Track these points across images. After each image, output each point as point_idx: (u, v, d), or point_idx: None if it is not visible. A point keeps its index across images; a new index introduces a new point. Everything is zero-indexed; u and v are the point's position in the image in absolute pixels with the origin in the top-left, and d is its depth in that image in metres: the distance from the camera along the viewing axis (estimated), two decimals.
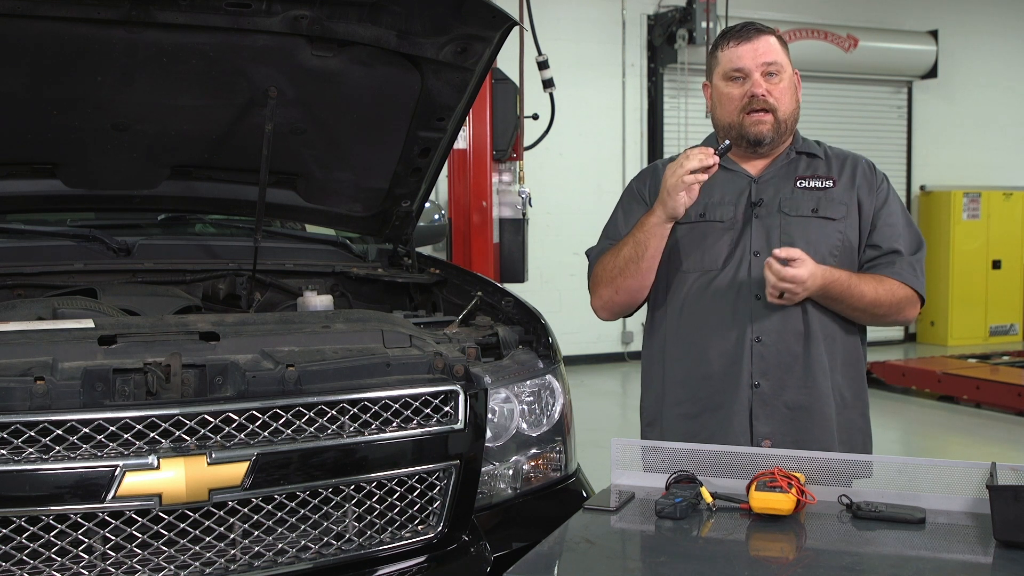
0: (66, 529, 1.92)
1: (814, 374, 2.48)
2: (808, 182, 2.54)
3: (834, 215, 2.51)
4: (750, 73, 2.48)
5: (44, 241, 3.03)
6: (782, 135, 2.54)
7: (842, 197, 2.53)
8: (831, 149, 2.64)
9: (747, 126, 2.50)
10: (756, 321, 2.47)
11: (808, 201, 2.52)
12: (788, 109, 2.52)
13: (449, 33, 2.64)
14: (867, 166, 2.60)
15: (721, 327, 2.50)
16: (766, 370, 2.47)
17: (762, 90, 2.48)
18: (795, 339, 2.48)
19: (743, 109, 2.50)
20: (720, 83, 2.55)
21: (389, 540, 2.22)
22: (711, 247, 2.53)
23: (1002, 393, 8.11)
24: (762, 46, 2.49)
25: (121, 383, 2.00)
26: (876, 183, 2.57)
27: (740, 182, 2.57)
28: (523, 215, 5.70)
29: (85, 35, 2.45)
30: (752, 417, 2.47)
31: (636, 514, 2.08)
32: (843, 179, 2.55)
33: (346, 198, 3.22)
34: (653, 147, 10.96)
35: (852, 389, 2.56)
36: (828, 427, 2.49)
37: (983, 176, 12.61)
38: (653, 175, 2.69)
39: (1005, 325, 12.54)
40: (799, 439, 2.46)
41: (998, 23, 12.71)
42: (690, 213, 2.53)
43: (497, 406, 2.48)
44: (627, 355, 10.90)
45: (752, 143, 2.52)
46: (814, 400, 2.48)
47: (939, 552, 1.87)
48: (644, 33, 10.90)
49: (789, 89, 2.53)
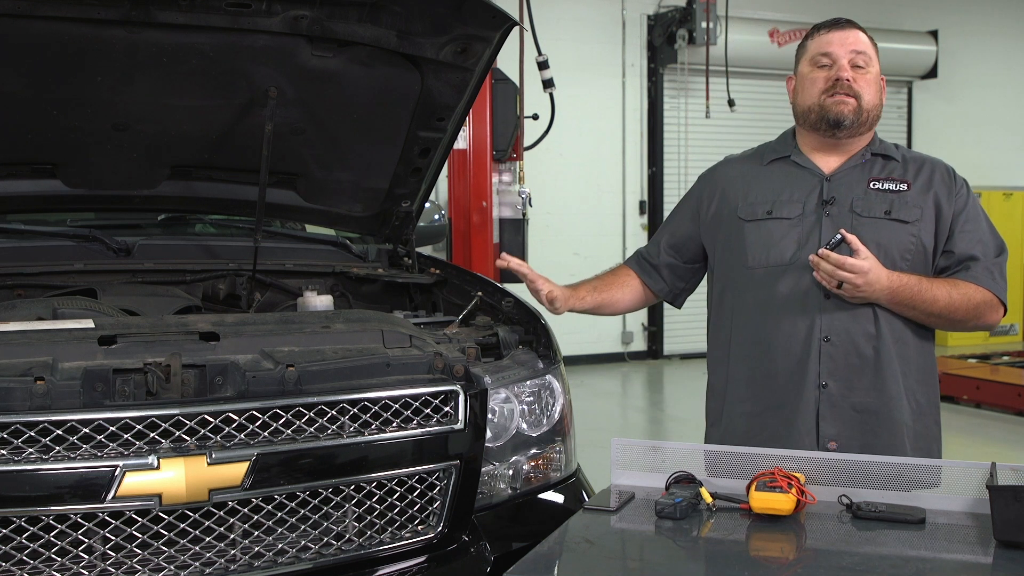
0: (66, 529, 1.92)
1: (884, 378, 2.43)
2: (882, 184, 2.48)
3: (908, 218, 2.45)
4: (838, 59, 2.46)
5: (44, 241, 3.03)
6: (862, 125, 2.48)
7: (916, 200, 2.47)
8: (908, 152, 2.58)
9: (828, 106, 2.46)
10: (825, 320, 2.43)
11: (881, 203, 2.46)
12: (872, 101, 2.48)
13: (449, 33, 2.64)
14: (945, 171, 2.53)
15: (788, 325, 2.46)
16: (834, 370, 2.43)
17: (848, 74, 2.44)
18: (865, 341, 2.43)
19: (826, 92, 2.46)
20: (805, 68, 2.52)
21: (389, 540, 2.22)
22: (777, 243, 2.49)
23: (1002, 393, 8.11)
24: (852, 36, 2.48)
25: (121, 383, 1.99)
26: (956, 188, 2.50)
27: (811, 179, 2.53)
28: (523, 215, 5.71)
29: (85, 35, 2.45)
30: (819, 418, 2.43)
31: (636, 514, 2.08)
32: (919, 183, 2.49)
33: (346, 198, 3.22)
34: (653, 147, 10.97)
35: (927, 396, 2.51)
36: (898, 432, 2.45)
37: (983, 176, 12.60)
38: (705, 180, 2.75)
39: (1005, 325, 12.54)
40: (867, 443, 2.41)
41: (998, 23, 12.72)
42: (757, 210, 2.53)
43: (497, 406, 2.48)
44: (627, 355, 10.91)
45: (832, 124, 2.46)
46: (883, 404, 2.43)
47: (939, 552, 1.87)
48: (644, 33, 10.90)
49: (875, 83, 2.49)
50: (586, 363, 10.19)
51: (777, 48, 10.93)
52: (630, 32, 10.86)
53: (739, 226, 2.54)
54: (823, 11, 12.55)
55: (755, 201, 2.56)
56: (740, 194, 2.59)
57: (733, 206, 2.59)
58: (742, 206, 2.57)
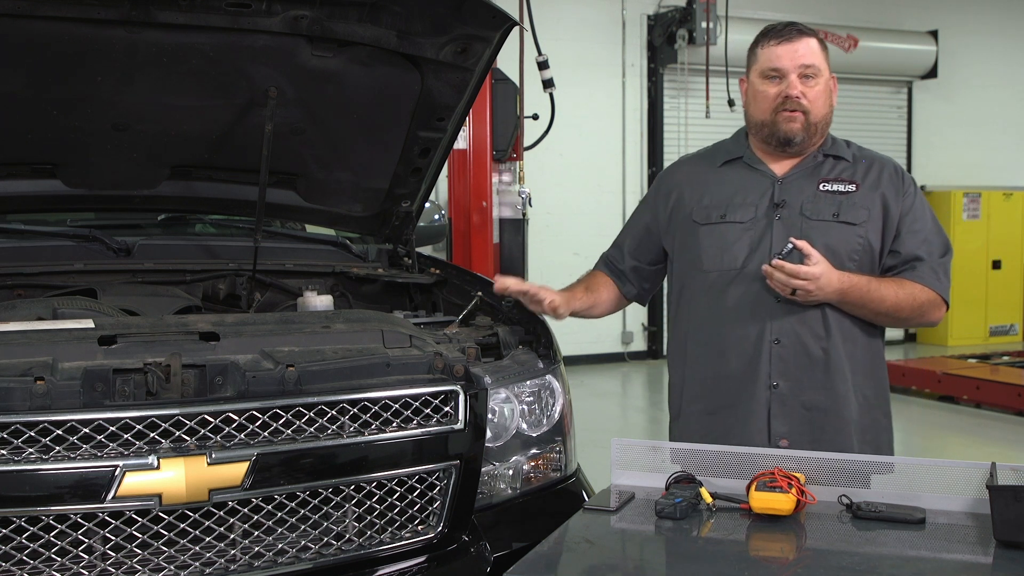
0: (66, 529, 1.92)
1: (833, 376, 2.49)
2: (831, 185, 2.54)
3: (855, 220, 2.50)
4: (787, 74, 2.50)
5: (44, 241, 3.03)
6: (812, 136, 2.54)
7: (864, 202, 2.52)
8: (861, 151, 2.62)
9: (779, 123, 2.51)
10: (775, 323, 2.49)
11: (830, 205, 2.51)
12: (821, 112, 2.53)
13: (449, 33, 2.64)
14: (894, 170, 2.58)
15: (740, 328, 2.52)
16: (784, 371, 2.49)
17: (797, 91, 2.49)
18: (814, 341, 2.48)
19: (776, 109, 2.51)
20: (756, 80, 2.56)
21: (389, 540, 2.22)
22: (730, 248, 2.55)
23: (1002, 393, 8.11)
24: (802, 48, 2.50)
25: (121, 383, 1.99)
26: (903, 188, 2.55)
27: (763, 182, 2.58)
28: (523, 215, 5.70)
29: (85, 35, 2.45)
30: (770, 416, 2.49)
31: (636, 514, 2.08)
32: (867, 183, 2.54)
33: (346, 198, 3.22)
34: (653, 147, 10.97)
35: (874, 389, 2.57)
36: (846, 429, 2.50)
37: (983, 176, 12.61)
38: (661, 182, 2.79)
39: (1005, 325, 12.54)
40: (816, 439, 2.47)
41: (998, 23, 12.72)
42: (711, 213, 2.58)
43: (497, 406, 2.48)
44: (627, 355, 10.91)
45: (782, 142, 2.53)
46: (832, 402, 2.49)
47: (939, 552, 1.87)
48: (644, 33, 10.90)
49: (824, 93, 2.54)
50: (586, 363, 10.18)
51: None
52: (630, 32, 10.86)
53: (694, 229, 2.61)
54: (823, 11, 12.52)
55: (709, 204, 2.61)
56: (695, 197, 2.64)
57: (688, 209, 2.64)
58: (696, 210, 2.62)
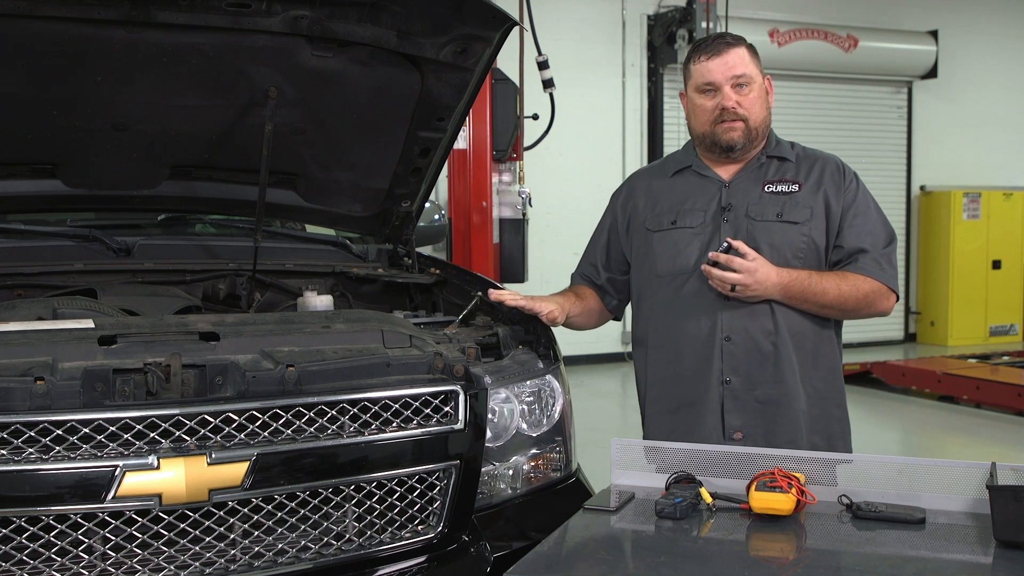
0: (66, 529, 1.92)
1: (783, 370, 2.58)
2: (775, 186, 2.64)
3: (798, 219, 2.59)
4: (720, 87, 2.59)
5: (44, 241, 3.03)
6: (753, 141, 2.64)
7: (807, 201, 2.61)
8: (804, 151, 2.71)
9: (719, 134, 2.62)
10: (725, 321, 2.58)
11: (773, 206, 2.61)
12: (759, 117, 2.62)
13: (449, 33, 2.64)
14: (835, 167, 2.66)
15: (692, 328, 2.62)
16: (736, 367, 2.58)
17: (732, 103, 2.58)
18: (764, 337, 2.57)
19: (715, 121, 2.61)
20: (693, 95, 2.66)
21: (389, 540, 2.22)
22: (682, 252, 2.65)
23: (1002, 393, 8.11)
24: (732, 59, 2.58)
25: (121, 383, 1.99)
26: (844, 184, 2.63)
27: (711, 188, 2.68)
28: (523, 215, 5.70)
29: (85, 35, 2.45)
30: (723, 411, 2.58)
31: (636, 514, 2.08)
32: (810, 182, 2.63)
33: (346, 198, 3.22)
34: (653, 147, 10.96)
35: (825, 381, 2.64)
36: (795, 419, 2.59)
37: (983, 176, 12.61)
38: (618, 196, 2.89)
39: (1005, 325, 12.54)
40: (769, 431, 2.57)
41: (998, 23, 12.72)
42: (663, 220, 2.70)
43: (497, 406, 2.48)
44: (627, 355, 10.87)
45: (724, 150, 2.63)
46: (783, 394, 2.58)
47: (939, 552, 1.87)
48: (644, 33, 10.90)
49: (759, 98, 2.62)
50: (586, 363, 10.18)
51: (777, 48, 10.94)
52: (630, 32, 10.86)
53: (648, 237, 2.72)
54: (823, 11, 12.51)
55: (661, 212, 2.72)
56: (648, 207, 2.76)
57: (642, 219, 2.77)
58: (649, 218, 2.74)
